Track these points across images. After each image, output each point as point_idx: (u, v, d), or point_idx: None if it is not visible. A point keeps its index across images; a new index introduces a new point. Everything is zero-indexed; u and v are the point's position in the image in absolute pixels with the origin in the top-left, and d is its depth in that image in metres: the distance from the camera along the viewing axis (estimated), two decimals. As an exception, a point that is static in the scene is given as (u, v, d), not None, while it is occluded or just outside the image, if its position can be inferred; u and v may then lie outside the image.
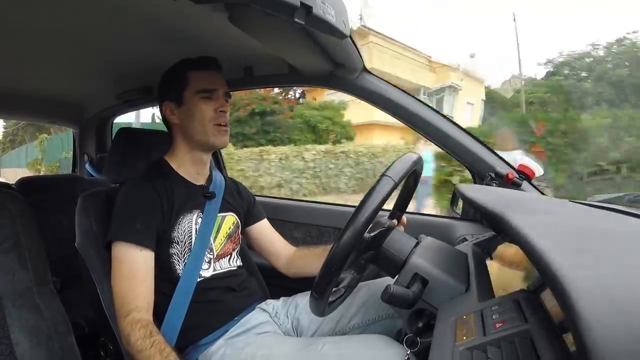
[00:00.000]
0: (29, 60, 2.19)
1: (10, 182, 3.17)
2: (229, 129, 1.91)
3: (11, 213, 1.48)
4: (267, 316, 1.85)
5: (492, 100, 25.78)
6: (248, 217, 2.14)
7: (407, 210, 1.68)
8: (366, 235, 1.31)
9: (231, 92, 1.97)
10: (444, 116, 2.18)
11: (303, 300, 1.89)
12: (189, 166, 1.93)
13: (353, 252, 1.19)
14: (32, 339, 1.38)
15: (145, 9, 1.62)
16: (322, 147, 15.51)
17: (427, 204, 9.73)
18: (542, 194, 2.11)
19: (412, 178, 1.49)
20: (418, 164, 1.36)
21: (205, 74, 1.87)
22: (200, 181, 1.97)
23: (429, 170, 8.77)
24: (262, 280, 2.25)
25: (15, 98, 2.86)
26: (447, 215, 2.48)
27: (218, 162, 3.22)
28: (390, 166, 1.25)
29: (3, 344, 1.33)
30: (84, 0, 1.52)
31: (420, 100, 2.20)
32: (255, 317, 1.80)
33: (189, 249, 1.78)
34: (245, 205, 2.15)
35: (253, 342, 1.65)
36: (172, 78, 1.91)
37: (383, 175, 1.21)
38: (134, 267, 1.63)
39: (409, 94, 2.19)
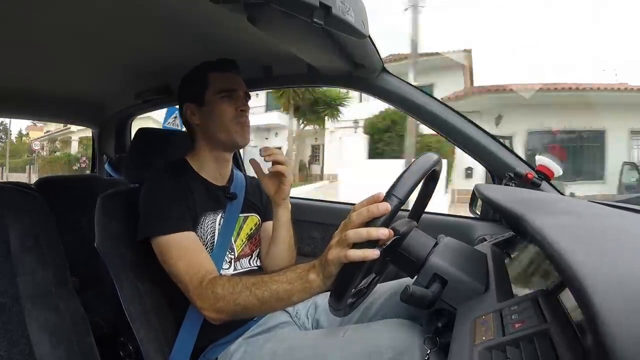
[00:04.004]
0: (48, 61, 2.22)
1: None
2: (249, 128, 1.93)
3: (31, 213, 1.49)
4: (287, 316, 1.85)
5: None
6: (265, 213, 2.14)
7: (426, 211, 1.68)
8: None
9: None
10: (463, 116, 2.17)
11: (323, 301, 1.88)
12: (211, 166, 1.94)
13: (367, 262, 1.19)
14: (51, 339, 1.39)
15: (164, 9, 1.63)
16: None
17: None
18: (561, 194, 2.10)
19: (431, 178, 1.48)
20: (436, 164, 1.35)
21: (225, 75, 1.90)
22: (222, 182, 1.98)
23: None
24: None
25: (35, 98, 2.89)
26: (466, 215, 2.47)
27: (237, 161, 3.23)
28: (397, 181, 1.24)
29: (22, 343, 1.35)
30: (104, 1, 1.53)
31: (439, 101, 2.19)
32: (276, 317, 1.79)
33: (210, 249, 1.79)
34: (264, 203, 2.16)
35: (274, 337, 1.64)
36: (192, 80, 1.94)
37: (390, 193, 1.21)
38: (184, 245, 1.65)
39: (428, 94, 2.19)
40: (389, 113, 21.46)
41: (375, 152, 21.68)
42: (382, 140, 21.79)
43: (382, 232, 1.15)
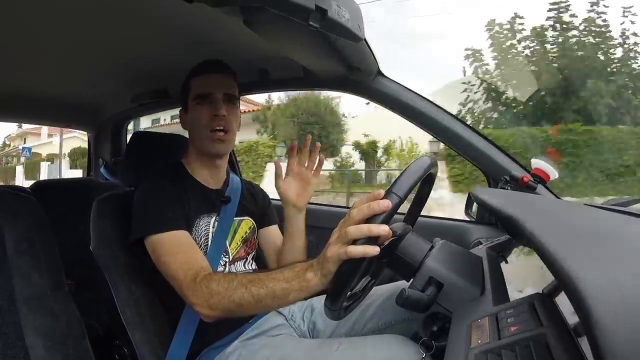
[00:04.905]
0: (44, 64, 2.21)
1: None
2: (230, 135, 1.92)
3: (26, 216, 1.49)
4: (282, 319, 1.84)
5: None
6: (262, 219, 2.14)
7: (422, 214, 1.68)
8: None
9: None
10: (459, 119, 2.18)
11: (319, 303, 1.87)
12: (203, 171, 1.95)
13: (365, 261, 1.19)
14: (46, 343, 1.38)
15: (160, 12, 1.63)
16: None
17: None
18: (557, 197, 2.10)
19: (427, 181, 1.48)
20: (433, 167, 1.35)
21: (204, 78, 1.89)
22: (216, 185, 1.98)
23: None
24: None
25: (31, 101, 2.88)
26: (462, 218, 2.47)
27: (233, 164, 3.22)
28: (396, 180, 1.24)
29: (17, 347, 1.34)
30: (100, 3, 1.53)
31: (435, 104, 2.19)
32: (271, 319, 1.79)
33: (204, 251, 1.79)
34: (259, 208, 2.16)
35: (269, 343, 1.64)
36: (182, 86, 1.95)
37: (390, 191, 1.21)
38: (178, 243, 1.64)
39: (424, 98, 2.19)
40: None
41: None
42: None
43: (383, 229, 1.15)
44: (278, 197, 1.95)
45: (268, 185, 2.25)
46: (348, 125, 23.24)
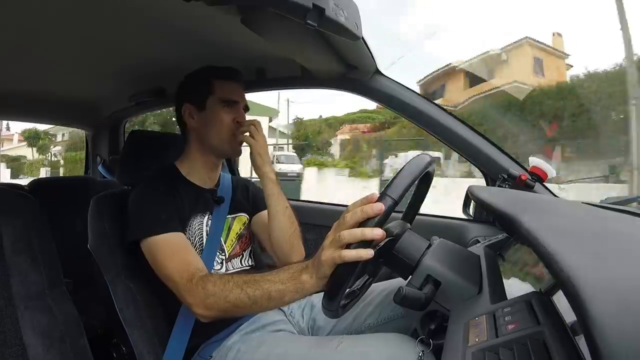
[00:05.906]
0: (43, 62, 2.21)
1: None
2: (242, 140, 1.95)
3: (23, 215, 1.49)
4: (282, 315, 1.85)
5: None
6: (254, 209, 2.16)
7: (419, 212, 1.67)
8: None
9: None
10: (456, 118, 2.17)
11: (319, 301, 1.87)
12: (200, 170, 1.97)
13: (360, 264, 1.19)
14: (44, 341, 1.38)
15: (158, 11, 1.63)
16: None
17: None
18: (555, 196, 2.10)
19: (424, 179, 1.47)
20: (430, 166, 1.35)
21: (231, 86, 1.93)
22: (210, 185, 2.00)
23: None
24: None
25: (29, 100, 2.87)
26: (460, 217, 2.47)
27: (230, 164, 3.22)
28: (391, 182, 1.24)
29: (15, 345, 1.34)
30: (97, 2, 1.53)
31: (433, 102, 2.19)
32: (270, 315, 1.80)
33: (200, 250, 1.80)
34: (251, 200, 2.18)
35: (268, 340, 1.64)
36: (195, 82, 1.95)
37: (384, 194, 1.21)
38: (173, 244, 1.65)
39: (421, 96, 2.18)
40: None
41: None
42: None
43: (377, 232, 1.16)
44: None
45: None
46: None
